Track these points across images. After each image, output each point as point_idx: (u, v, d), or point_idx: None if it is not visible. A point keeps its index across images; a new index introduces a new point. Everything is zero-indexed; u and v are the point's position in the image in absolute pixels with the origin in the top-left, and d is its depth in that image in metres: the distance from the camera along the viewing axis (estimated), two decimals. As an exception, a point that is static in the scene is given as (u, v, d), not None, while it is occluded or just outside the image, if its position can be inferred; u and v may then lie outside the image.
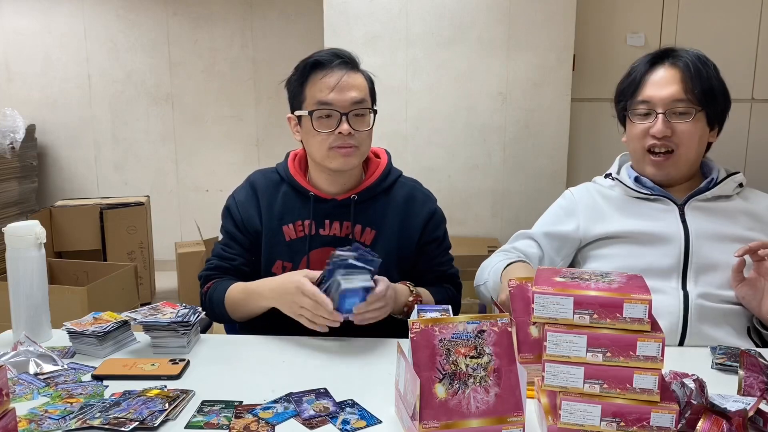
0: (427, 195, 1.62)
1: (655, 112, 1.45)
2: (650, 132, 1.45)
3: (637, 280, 1.00)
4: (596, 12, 3.56)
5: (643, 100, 1.47)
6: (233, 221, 1.57)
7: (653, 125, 1.45)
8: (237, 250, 1.56)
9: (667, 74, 1.46)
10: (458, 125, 3.41)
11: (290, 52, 4.56)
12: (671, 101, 1.43)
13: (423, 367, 0.97)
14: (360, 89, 1.47)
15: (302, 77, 1.48)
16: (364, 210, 1.53)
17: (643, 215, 1.49)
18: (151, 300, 4.09)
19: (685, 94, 1.43)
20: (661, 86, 1.45)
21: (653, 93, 1.45)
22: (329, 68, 1.45)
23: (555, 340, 0.94)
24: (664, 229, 1.45)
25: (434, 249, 1.60)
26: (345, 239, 1.52)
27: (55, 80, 4.62)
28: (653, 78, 1.47)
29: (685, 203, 1.49)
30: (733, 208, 1.48)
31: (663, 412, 0.90)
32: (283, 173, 1.57)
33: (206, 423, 1.05)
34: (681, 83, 1.43)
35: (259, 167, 1.64)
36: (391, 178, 1.58)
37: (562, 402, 0.93)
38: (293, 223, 1.53)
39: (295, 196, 1.54)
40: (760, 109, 3.57)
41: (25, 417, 1.06)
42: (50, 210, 3.99)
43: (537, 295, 0.96)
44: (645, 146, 1.48)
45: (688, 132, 1.44)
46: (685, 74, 1.44)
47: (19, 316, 1.38)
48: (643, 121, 1.47)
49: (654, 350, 0.91)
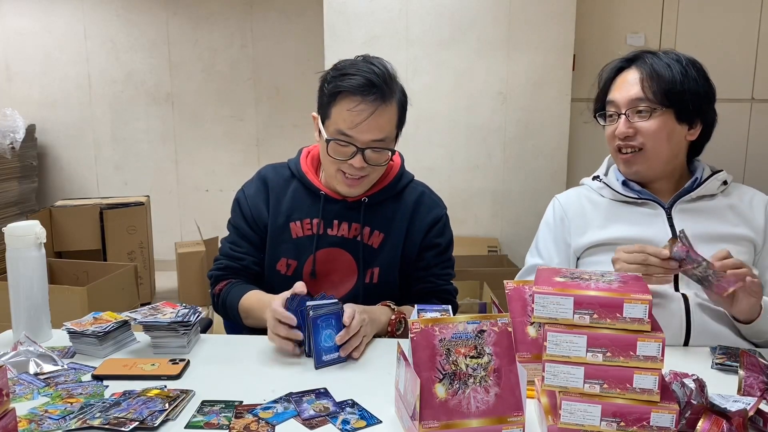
0: (436, 201, 1.59)
1: (619, 114, 1.49)
2: (615, 133, 1.49)
3: (636, 281, 1.01)
4: (596, 12, 3.56)
5: (610, 101, 1.51)
6: (242, 215, 1.55)
7: (617, 126, 1.49)
8: (245, 248, 1.55)
9: (629, 77, 1.49)
10: (458, 125, 3.41)
11: (290, 52, 4.56)
12: (631, 102, 1.46)
13: (423, 367, 0.97)
14: (385, 128, 1.40)
15: (333, 95, 1.39)
16: (374, 212, 1.51)
17: (631, 221, 1.50)
18: (151, 300, 4.09)
19: (644, 94, 1.45)
20: (623, 89, 1.49)
21: (616, 95, 1.50)
22: (361, 101, 1.36)
23: (555, 340, 0.94)
24: (653, 234, 1.45)
25: (432, 257, 1.56)
26: (353, 240, 1.50)
27: (55, 80, 4.62)
28: (617, 82, 1.51)
29: (672, 206, 1.50)
30: (719, 206, 1.50)
31: (663, 412, 0.90)
32: (295, 170, 1.55)
33: (206, 423, 1.05)
34: (640, 83, 1.47)
35: (259, 167, 1.64)
36: (403, 182, 1.56)
37: (562, 402, 0.93)
38: (301, 220, 1.51)
39: (305, 194, 1.52)
40: (760, 109, 3.57)
41: (25, 417, 1.06)
42: (50, 210, 3.99)
43: (537, 295, 0.95)
44: (615, 147, 1.52)
45: (652, 129, 1.46)
46: (644, 75, 1.47)
47: (19, 316, 1.38)
48: (611, 124, 1.51)
49: (654, 350, 0.91)
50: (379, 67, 1.41)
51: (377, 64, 1.42)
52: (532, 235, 1.66)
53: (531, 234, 1.67)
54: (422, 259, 1.55)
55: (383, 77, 1.39)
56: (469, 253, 3.26)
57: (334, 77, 1.41)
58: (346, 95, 1.37)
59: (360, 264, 1.50)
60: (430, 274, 1.57)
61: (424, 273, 1.56)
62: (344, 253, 1.51)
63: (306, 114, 1.55)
